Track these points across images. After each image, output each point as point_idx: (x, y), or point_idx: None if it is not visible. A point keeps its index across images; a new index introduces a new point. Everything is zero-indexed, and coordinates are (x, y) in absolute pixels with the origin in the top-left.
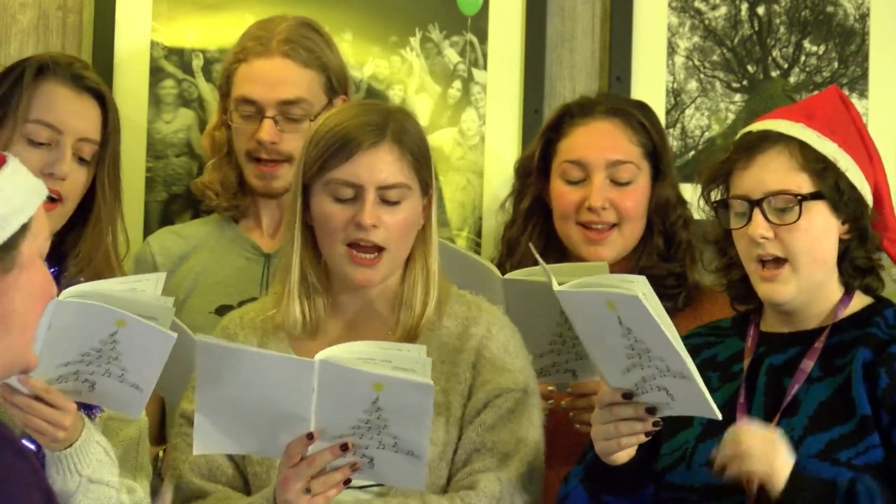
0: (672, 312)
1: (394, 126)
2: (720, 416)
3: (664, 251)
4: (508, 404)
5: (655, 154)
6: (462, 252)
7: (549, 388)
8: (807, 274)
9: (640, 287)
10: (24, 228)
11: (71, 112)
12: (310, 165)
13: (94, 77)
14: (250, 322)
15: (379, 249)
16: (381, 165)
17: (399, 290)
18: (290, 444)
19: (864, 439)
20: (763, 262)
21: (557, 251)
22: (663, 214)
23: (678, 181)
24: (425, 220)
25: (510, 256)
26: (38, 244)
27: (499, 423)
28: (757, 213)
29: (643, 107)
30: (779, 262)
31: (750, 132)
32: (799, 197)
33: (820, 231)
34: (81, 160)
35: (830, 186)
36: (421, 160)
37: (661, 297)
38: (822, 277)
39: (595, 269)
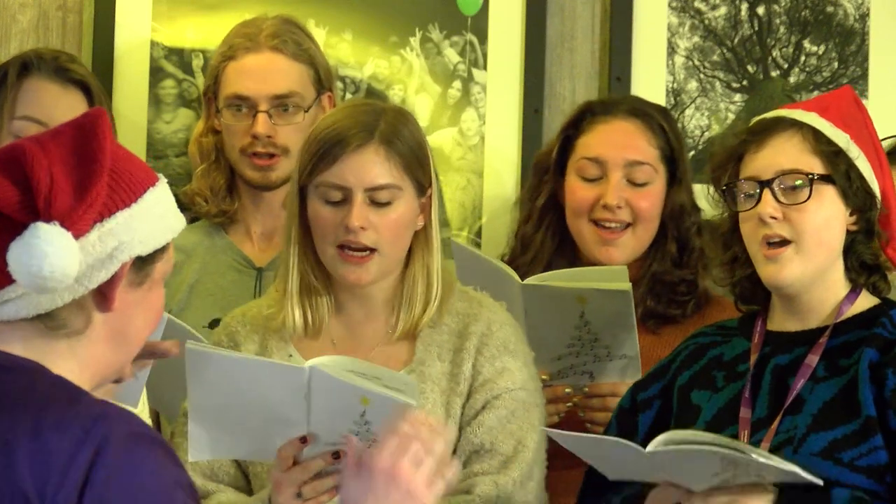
0: (680, 320)
1: (384, 127)
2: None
3: (677, 257)
4: (508, 405)
5: (672, 159)
6: (480, 256)
7: (567, 389)
8: (810, 256)
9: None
10: (165, 248)
11: (57, 105)
12: (303, 168)
13: (79, 69)
14: (252, 320)
15: (370, 250)
16: (368, 167)
17: (399, 289)
18: (282, 447)
19: (868, 440)
20: (768, 244)
21: (570, 251)
22: (678, 220)
23: (693, 189)
24: (425, 221)
25: (524, 253)
26: (166, 268)
27: (498, 424)
28: (766, 193)
29: (664, 111)
30: (784, 243)
31: (763, 118)
32: (811, 176)
33: (828, 216)
34: None
35: (841, 174)
36: (413, 160)
37: (671, 303)
38: (826, 265)
39: (615, 273)
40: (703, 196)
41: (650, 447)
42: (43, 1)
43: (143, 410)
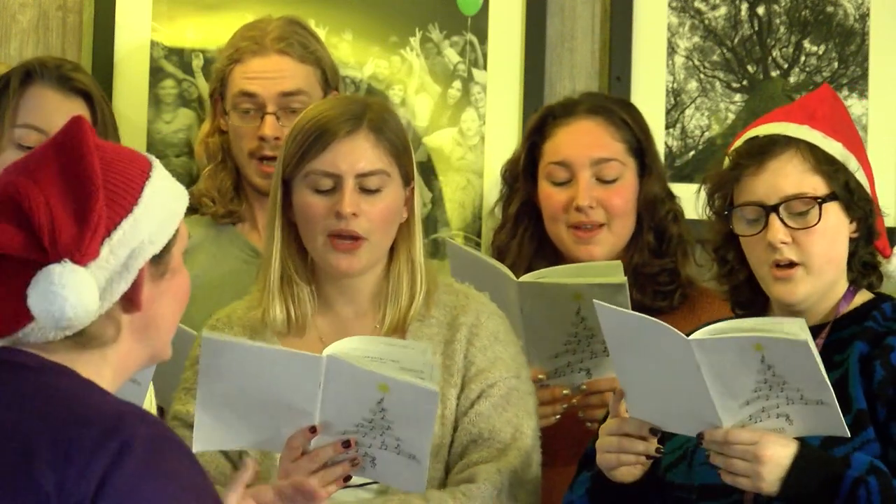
0: (668, 311)
1: (371, 115)
2: (849, 434)
3: (656, 247)
4: (503, 393)
5: (640, 150)
6: (476, 255)
7: (564, 391)
8: (820, 275)
9: (802, 329)
10: (177, 233)
11: (59, 114)
12: (289, 159)
13: (81, 78)
14: (238, 320)
15: (359, 238)
16: (358, 153)
17: (385, 283)
18: (292, 436)
19: (860, 434)
20: (777, 266)
21: (550, 254)
22: (652, 210)
23: (665, 176)
24: (408, 213)
25: (501, 261)
26: (182, 246)
27: (494, 413)
28: (774, 219)
29: (625, 104)
30: (792, 264)
31: (755, 137)
32: (819, 200)
33: (834, 232)
34: None
35: (842, 187)
36: (400, 148)
37: (656, 294)
38: (834, 277)
39: (610, 268)
40: (693, 197)
41: (694, 335)
42: (43, 1)
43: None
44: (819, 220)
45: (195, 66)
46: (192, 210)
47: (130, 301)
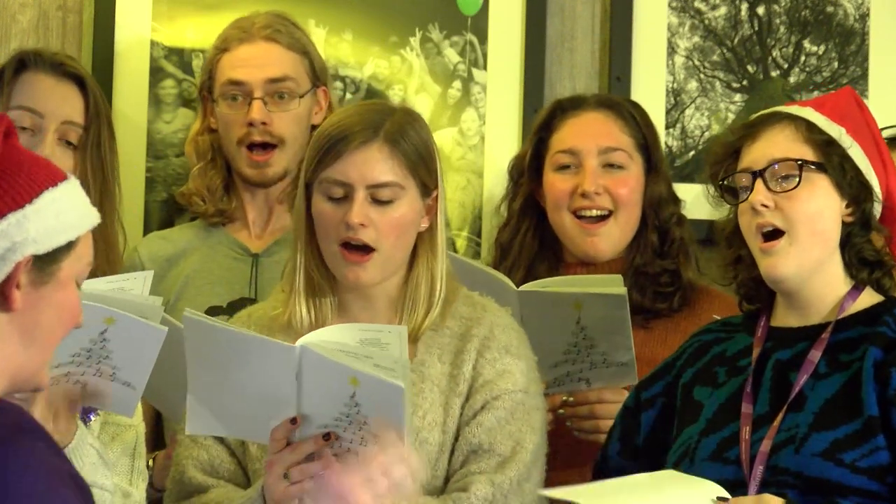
0: (668, 314)
1: (389, 126)
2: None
3: (658, 247)
4: (507, 406)
5: (647, 148)
6: (475, 266)
7: (564, 397)
8: (805, 248)
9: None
10: (70, 246)
11: (52, 97)
12: (309, 163)
13: (74, 64)
14: (258, 320)
15: (370, 249)
16: (370, 164)
17: (403, 291)
18: (275, 428)
19: (870, 441)
20: (763, 236)
21: (551, 253)
22: (657, 209)
23: (671, 179)
24: (430, 222)
25: (503, 259)
26: (79, 267)
27: (497, 425)
28: (759, 182)
29: (635, 104)
30: (777, 234)
31: (760, 114)
32: (800, 162)
33: (821, 205)
34: (69, 144)
35: (834, 164)
36: (417, 161)
37: (656, 296)
38: (823, 257)
39: (610, 280)
40: (704, 196)
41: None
42: (43, 1)
43: (139, 423)
44: (799, 182)
45: (195, 66)
46: (183, 211)
47: (3, 296)
